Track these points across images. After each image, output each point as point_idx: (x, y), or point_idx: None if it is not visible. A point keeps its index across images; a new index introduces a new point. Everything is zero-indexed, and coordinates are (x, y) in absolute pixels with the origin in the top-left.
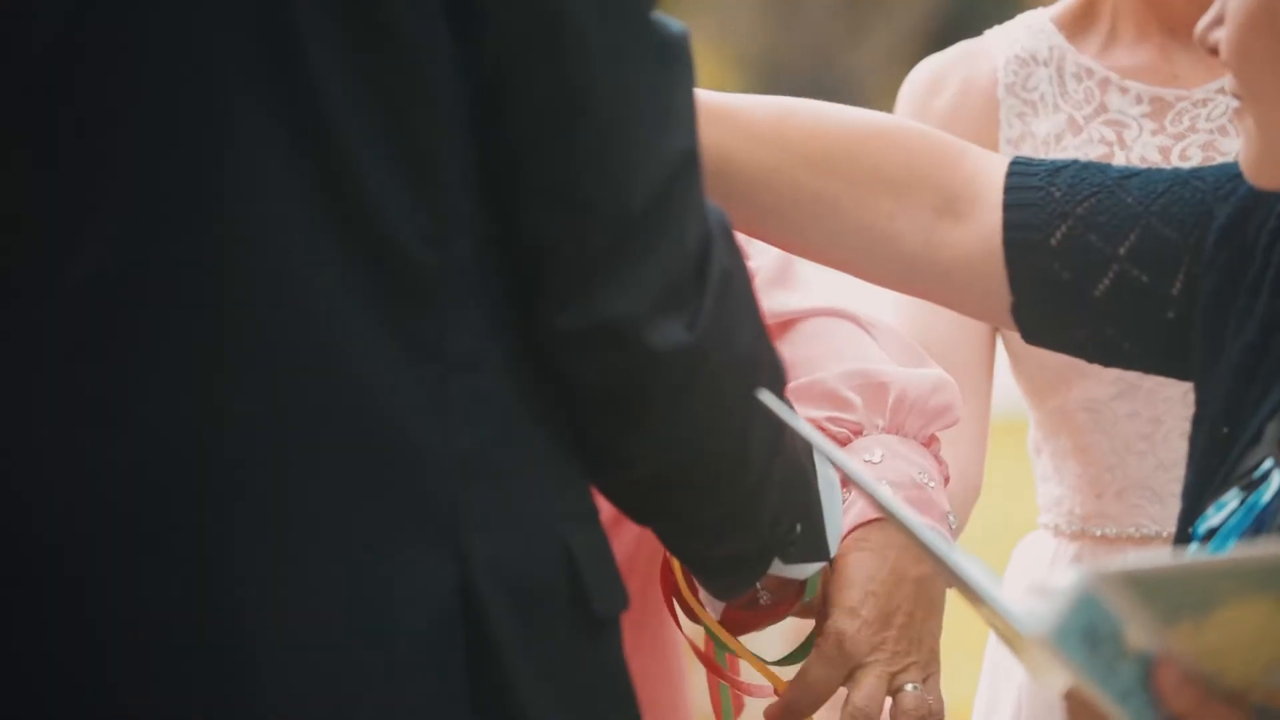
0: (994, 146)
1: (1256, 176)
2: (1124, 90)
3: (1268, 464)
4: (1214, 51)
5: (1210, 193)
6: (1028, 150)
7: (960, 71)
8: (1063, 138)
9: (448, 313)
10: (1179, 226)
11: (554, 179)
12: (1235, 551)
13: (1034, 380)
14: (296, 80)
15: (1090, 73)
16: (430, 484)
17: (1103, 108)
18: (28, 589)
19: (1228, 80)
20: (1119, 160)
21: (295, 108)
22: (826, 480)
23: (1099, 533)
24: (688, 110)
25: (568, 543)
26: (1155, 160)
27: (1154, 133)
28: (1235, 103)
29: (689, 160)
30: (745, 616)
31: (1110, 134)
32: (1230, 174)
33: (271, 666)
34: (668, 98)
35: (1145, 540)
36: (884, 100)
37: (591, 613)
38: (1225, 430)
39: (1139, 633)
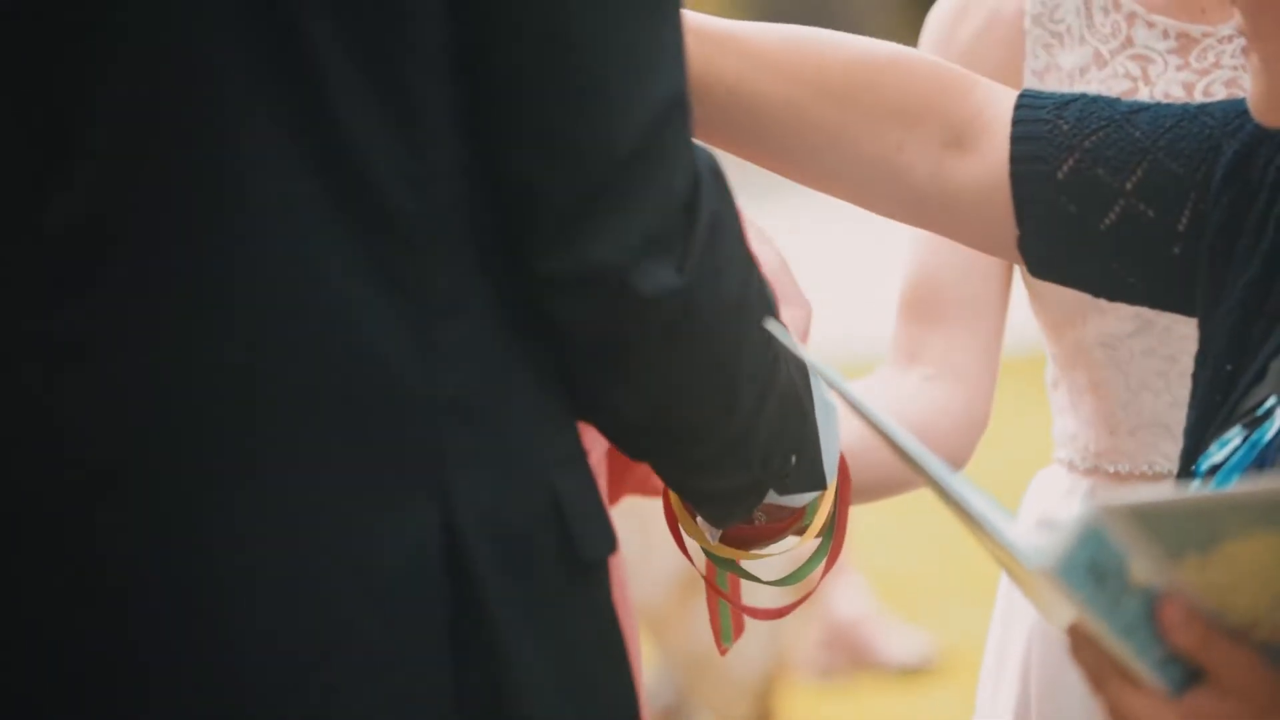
0: (1019, 77)
1: (1264, 115)
2: (1150, 25)
3: (1271, 401)
4: None
5: (1218, 128)
6: (1052, 82)
7: (989, 1)
8: (1087, 71)
9: (432, 256)
10: (1186, 161)
11: (539, 122)
12: (1241, 486)
13: (1052, 314)
14: (280, 24)
15: (1117, 5)
16: (414, 427)
17: (1129, 41)
18: (1, 539)
19: (1237, 18)
20: (1143, 95)
21: (278, 51)
22: (824, 406)
23: (1112, 469)
24: (676, 52)
25: (554, 486)
26: (1179, 95)
27: (1179, 68)
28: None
29: (677, 103)
30: (742, 536)
31: (1135, 68)
32: (1239, 109)
33: (248, 613)
34: (656, 39)
35: (1158, 477)
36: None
37: (578, 556)
38: (1229, 367)
39: (1144, 567)
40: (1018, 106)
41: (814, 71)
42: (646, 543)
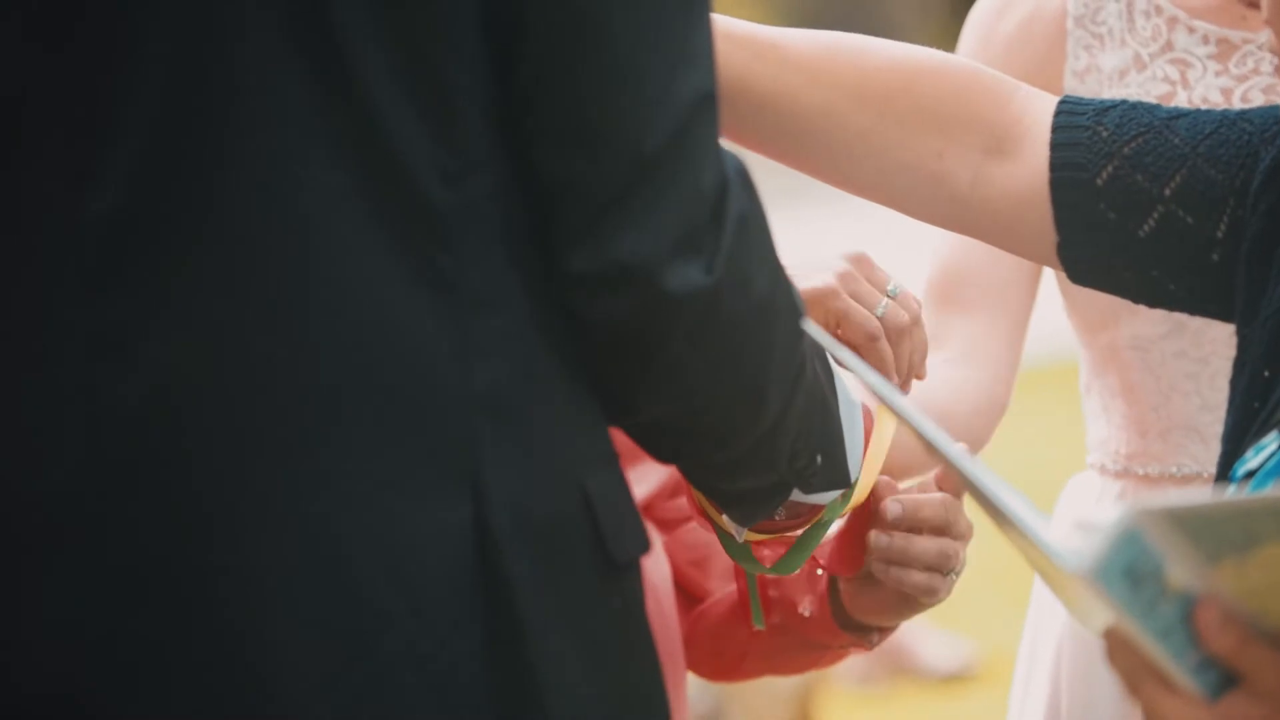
0: (1059, 76)
1: None
2: (1191, 29)
3: None
4: (1254, 4)
5: (1257, 134)
6: (1092, 83)
7: None
8: (1127, 73)
9: (465, 250)
10: (1225, 168)
11: (569, 117)
12: (1278, 490)
13: (1085, 315)
14: (315, 17)
15: (1159, 9)
16: (447, 423)
17: (1169, 45)
18: (34, 530)
19: (1268, 37)
20: (1181, 99)
21: (314, 44)
22: (847, 404)
23: (1142, 472)
24: (706, 50)
25: (585, 484)
26: (1217, 101)
27: (1218, 74)
28: None
29: (706, 101)
30: (765, 528)
31: (1174, 72)
32: (1277, 116)
33: (282, 609)
34: (685, 36)
35: (1186, 480)
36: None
37: (609, 556)
38: (1267, 373)
39: (1181, 571)
40: (1058, 113)
41: (853, 78)
42: None
